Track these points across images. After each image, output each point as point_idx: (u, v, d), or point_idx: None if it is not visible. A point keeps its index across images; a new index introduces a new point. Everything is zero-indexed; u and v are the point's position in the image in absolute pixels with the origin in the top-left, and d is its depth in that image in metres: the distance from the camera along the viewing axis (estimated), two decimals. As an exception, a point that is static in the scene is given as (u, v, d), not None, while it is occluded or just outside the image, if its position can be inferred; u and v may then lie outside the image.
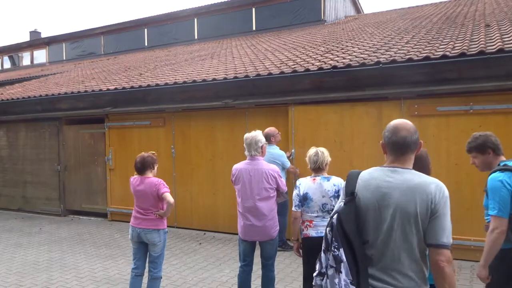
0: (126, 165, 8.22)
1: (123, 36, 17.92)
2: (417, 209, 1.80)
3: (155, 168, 4.28)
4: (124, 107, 8.44)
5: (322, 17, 13.89)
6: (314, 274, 2.06)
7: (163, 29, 16.77)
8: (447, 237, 1.78)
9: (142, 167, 4.19)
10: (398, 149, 1.93)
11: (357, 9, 18.20)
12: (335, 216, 1.92)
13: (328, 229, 1.95)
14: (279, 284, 4.77)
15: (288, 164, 6.05)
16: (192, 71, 8.99)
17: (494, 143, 2.86)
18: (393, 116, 5.26)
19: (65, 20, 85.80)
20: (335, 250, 1.86)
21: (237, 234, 4.16)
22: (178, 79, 7.89)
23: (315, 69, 6.41)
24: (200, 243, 6.69)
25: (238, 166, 4.08)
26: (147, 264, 4.22)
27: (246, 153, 4.02)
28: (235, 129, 7.13)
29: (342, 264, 1.83)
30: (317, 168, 3.71)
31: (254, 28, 14.85)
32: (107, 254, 6.25)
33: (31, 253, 6.45)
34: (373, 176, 1.95)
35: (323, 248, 1.99)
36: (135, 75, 10.16)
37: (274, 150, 5.90)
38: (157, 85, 7.95)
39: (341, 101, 6.30)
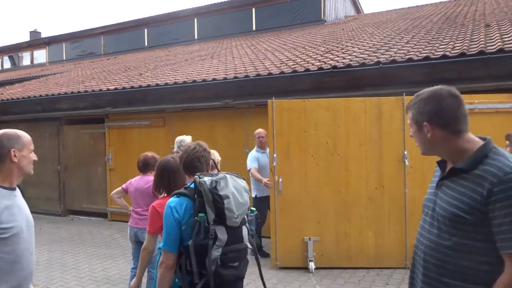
0: (126, 165, 8.21)
1: (123, 36, 17.92)
2: None
3: None
4: (124, 107, 8.45)
5: (322, 17, 13.89)
6: None
7: (163, 29, 16.77)
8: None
9: (143, 166, 4.21)
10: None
11: (357, 9, 18.20)
12: None
13: None
14: (279, 284, 4.77)
15: (249, 165, 5.73)
16: (192, 71, 8.99)
17: None
18: (394, 114, 5.25)
19: (65, 20, 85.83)
20: None
21: None
22: (178, 79, 7.90)
23: (315, 69, 6.41)
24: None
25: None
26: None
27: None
28: (235, 129, 7.13)
29: None
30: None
31: (254, 28, 14.85)
32: (107, 254, 6.25)
33: (31, 253, 6.45)
34: None
35: None
36: (135, 75, 10.17)
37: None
38: (157, 85, 7.95)
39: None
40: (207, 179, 2.15)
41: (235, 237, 2.17)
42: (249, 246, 2.25)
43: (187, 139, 4.85)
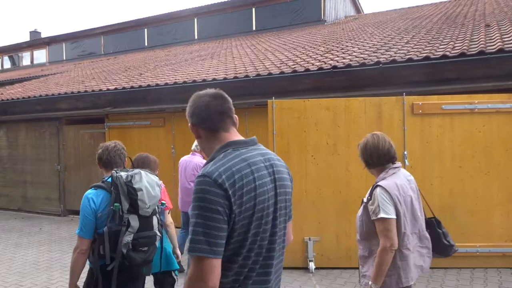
0: (125, 165, 8.20)
1: (123, 36, 17.92)
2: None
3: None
4: (124, 107, 8.44)
5: (322, 17, 13.89)
6: None
7: (163, 29, 16.77)
8: None
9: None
10: None
11: (357, 9, 18.21)
12: None
13: None
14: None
15: None
16: (192, 71, 9.00)
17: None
18: (394, 114, 5.24)
19: (65, 20, 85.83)
20: None
21: None
22: (178, 79, 7.90)
23: (315, 69, 6.40)
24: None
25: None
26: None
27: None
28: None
29: None
30: None
31: (254, 28, 14.85)
32: (107, 254, 6.24)
33: (31, 253, 6.45)
34: None
35: None
36: (135, 75, 10.17)
37: None
38: (157, 85, 7.95)
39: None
40: (123, 174, 2.47)
41: (146, 225, 2.48)
42: (158, 234, 2.55)
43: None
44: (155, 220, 2.55)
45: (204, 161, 5.38)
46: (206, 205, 1.37)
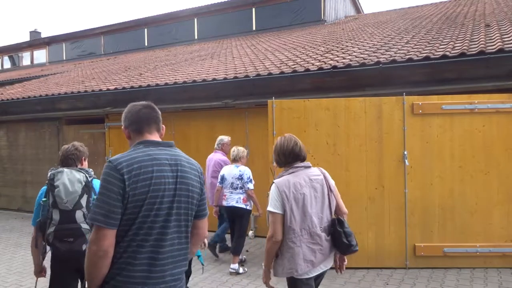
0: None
1: (123, 36, 17.92)
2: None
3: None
4: (124, 107, 8.27)
5: (322, 17, 13.89)
6: None
7: (163, 29, 16.77)
8: None
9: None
10: None
11: (357, 9, 18.21)
12: None
13: None
14: (279, 284, 4.76)
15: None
16: (192, 71, 8.99)
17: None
18: (394, 114, 5.23)
19: (65, 20, 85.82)
20: None
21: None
22: (178, 79, 7.89)
23: (315, 69, 6.40)
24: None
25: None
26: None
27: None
28: (235, 129, 7.12)
29: None
30: (234, 160, 5.35)
31: (254, 28, 14.85)
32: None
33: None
34: None
35: None
36: (135, 75, 10.17)
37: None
38: (157, 85, 7.95)
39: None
40: (51, 172, 2.91)
41: (67, 218, 2.81)
42: (84, 226, 2.83)
43: (225, 138, 6.00)
44: (78, 214, 2.83)
45: (224, 158, 5.83)
46: (106, 185, 1.73)
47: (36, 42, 21.15)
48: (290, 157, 2.75)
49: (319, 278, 2.76)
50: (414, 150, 5.14)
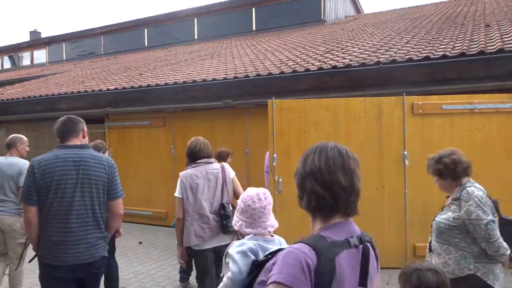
0: (126, 165, 8.20)
1: (123, 36, 17.93)
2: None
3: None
4: (124, 107, 8.44)
5: (322, 17, 13.90)
6: None
7: (163, 29, 16.78)
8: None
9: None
10: None
11: (357, 9, 18.22)
12: None
13: None
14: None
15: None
16: (192, 71, 9.00)
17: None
18: (394, 114, 5.23)
19: (65, 20, 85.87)
20: None
21: None
22: (178, 79, 7.90)
23: (315, 69, 6.40)
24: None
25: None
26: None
27: None
28: (235, 129, 7.12)
29: None
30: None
31: (254, 28, 14.86)
32: (107, 254, 6.24)
33: (31, 253, 6.43)
34: None
35: None
36: (135, 75, 10.17)
37: None
38: (157, 85, 7.95)
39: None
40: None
41: None
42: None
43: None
44: None
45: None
46: (26, 176, 2.63)
47: (36, 42, 21.16)
48: (196, 156, 3.43)
49: (219, 251, 3.29)
50: (414, 150, 5.14)
